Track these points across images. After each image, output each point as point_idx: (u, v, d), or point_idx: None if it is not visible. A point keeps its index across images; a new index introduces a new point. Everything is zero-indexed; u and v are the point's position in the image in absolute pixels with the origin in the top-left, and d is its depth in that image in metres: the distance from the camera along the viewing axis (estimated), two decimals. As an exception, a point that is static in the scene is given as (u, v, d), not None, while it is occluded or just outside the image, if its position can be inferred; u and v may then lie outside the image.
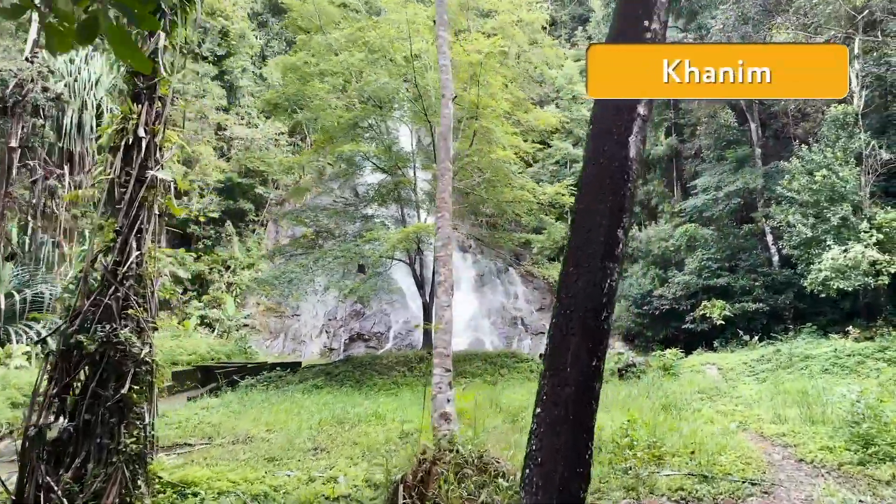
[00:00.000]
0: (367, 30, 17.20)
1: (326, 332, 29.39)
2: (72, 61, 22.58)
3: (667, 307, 22.47)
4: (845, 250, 16.64)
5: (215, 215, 29.74)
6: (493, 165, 17.86)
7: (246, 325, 28.83)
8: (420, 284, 19.69)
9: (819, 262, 17.18)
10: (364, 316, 28.70)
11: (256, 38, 34.80)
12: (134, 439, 6.28)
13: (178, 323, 25.81)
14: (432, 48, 18.25)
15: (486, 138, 17.67)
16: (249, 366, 18.68)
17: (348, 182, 24.00)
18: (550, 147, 30.87)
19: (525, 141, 20.08)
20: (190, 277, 28.26)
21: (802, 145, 19.78)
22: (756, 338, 19.43)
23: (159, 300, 25.75)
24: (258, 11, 35.82)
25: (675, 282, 22.70)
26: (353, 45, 17.43)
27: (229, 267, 29.76)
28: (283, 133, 31.89)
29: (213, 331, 26.76)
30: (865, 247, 16.30)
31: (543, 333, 28.89)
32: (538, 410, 4.22)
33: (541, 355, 24.05)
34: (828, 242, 17.32)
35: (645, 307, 23.22)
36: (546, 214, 24.01)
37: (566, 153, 30.12)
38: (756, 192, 22.91)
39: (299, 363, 20.56)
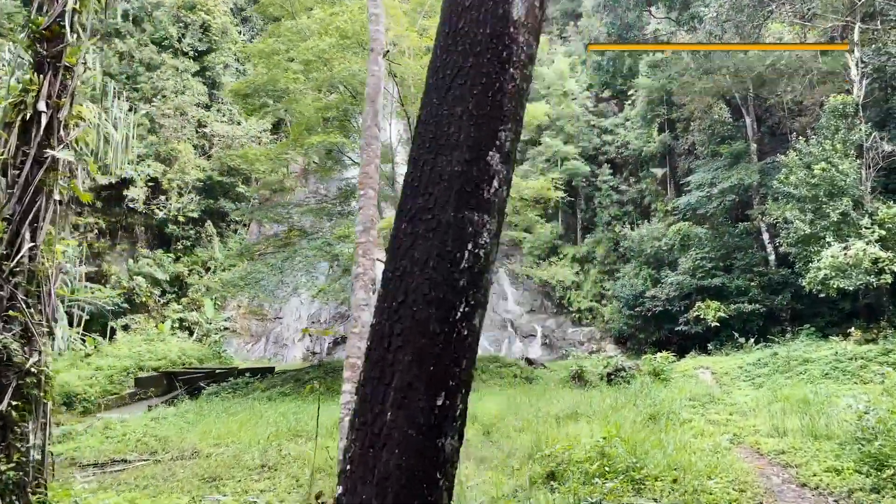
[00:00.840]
0: (338, 15, 16.28)
1: (309, 335, 28.43)
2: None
3: (659, 308, 21.67)
4: (846, 247, 15.75)
5: (195, 215, 28.77)
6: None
7: (226, 329, 27.82)
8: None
9: (818, 260, 16.28)
10: (349, 319, 27.69)
11: (240, 33, 33.86)
12: (13, 465, 5.30)
13: (155, 326, 24.83)
14: (412, 34, 17.32)
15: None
16: (218, 371, 17.67)
17: (326, 178, 23.02)
18: (540, 145, 30.01)
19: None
20: (168, 279, 27.29)
21: (800, 138, 18.91)
22: (752, 340, 18.67)
23: (138, 303, 24.27)
24: (241, 6, 34.87)
25: (668, 282, 21.91)
26: (325, 32, 16.51)
27: (209, 268, 28.78)
28: (265, 130, 30.93)
29: (191, 334, 25.75)
30: (867, 243, 15.41)
31: (534, 335, 27.91)
32: (339, 491, 2.29)
33: (526, 359, 23.15)
34: (827, 239, 16.42)
35: (637, 308, 22.42)
36: (540, 215, 23.16)
37: (556, 150, 29.21)
38: (752, 189, 22.09)
39: (272, 369, 19.53)
